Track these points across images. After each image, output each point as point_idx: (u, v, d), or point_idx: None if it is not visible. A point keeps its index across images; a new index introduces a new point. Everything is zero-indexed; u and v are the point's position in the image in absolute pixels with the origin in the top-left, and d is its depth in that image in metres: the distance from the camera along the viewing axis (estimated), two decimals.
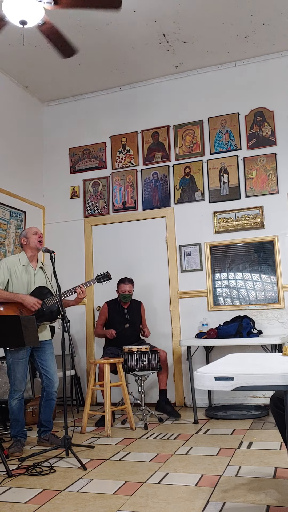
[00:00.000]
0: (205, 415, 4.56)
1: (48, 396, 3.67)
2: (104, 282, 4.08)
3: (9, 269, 3.65)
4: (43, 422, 3.68)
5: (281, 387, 1.60)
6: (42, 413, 3.68)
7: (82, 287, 3.75)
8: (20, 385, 3.55)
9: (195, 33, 4.81)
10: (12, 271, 3.66)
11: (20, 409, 3.57)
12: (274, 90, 5.21)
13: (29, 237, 3.74)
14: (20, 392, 3.56)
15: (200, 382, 1.69)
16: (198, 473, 2.85)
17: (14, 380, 3.55)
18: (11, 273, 3.65)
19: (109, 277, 4.08)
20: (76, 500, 2.49)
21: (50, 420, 3.70)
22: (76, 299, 3.80)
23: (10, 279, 3.64)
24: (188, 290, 5.25)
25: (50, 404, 3.69)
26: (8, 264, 3.67)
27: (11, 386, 3.57)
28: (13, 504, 2.48)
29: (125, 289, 4.84)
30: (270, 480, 2.65)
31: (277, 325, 4.85)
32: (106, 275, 4.08)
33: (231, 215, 5.18)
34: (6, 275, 3.63)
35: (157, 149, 5.60)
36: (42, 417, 3.68)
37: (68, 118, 6.05)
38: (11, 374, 3.56)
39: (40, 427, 3.70)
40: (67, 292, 3.72)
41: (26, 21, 3.32)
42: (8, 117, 5.46)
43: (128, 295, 4.84)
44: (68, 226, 5.83)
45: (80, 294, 3.74)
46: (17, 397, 3.55)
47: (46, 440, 3.64)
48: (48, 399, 3.67)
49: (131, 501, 2.45)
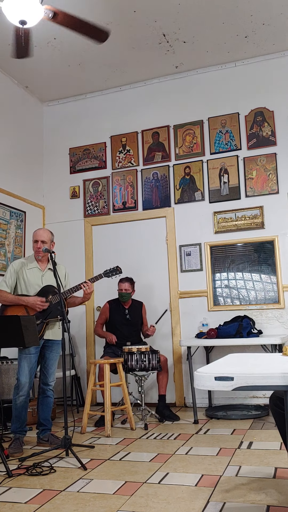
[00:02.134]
0: (205, 415, 4.56)
1: (44, 393, 3.71)
2: (114, 276, 3.97)
3: (16, 272, 3.71)
4: (41, 421, 3.70)
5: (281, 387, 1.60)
6: (41, 412, 3.71)
7: (88, 282, 3.75)
8: (24, 381, 3.55)
9: (195, 33, 4.81)
10: (20, 274, 3.71)
11: (24, 407, 3.58)
12: (274, 90, 5.21)
13: (32, 242, 3.78)
14: (25, 389, 3.56)
15: (200, 382, 1.69)
16: (198, 473, 2.85)
17: (20, 375, 3.57)
18: (19, 276, 3.71)
19: (119, 271, 3.97)
20: (76, 500, 2.49)
21: (48, 419, 3.71)
22: (84, 295, 3.78)
23: (18, 282, 3.70)
24: (188, 290, 5.25)
25: (47, 401, 3.71)
26: (16, 268, 3.72)
27: (17, 381, 3.59)
28: (13, 504, 2.47)
29: (122, 288, 4.84)
30: (270, 480, 2.65)
31: (277, 325, 4.85)
32: (116, 269, 3.97)
33: (231, 215, 5.18)
34: (13, 278, 3.69)
35: (157, 149, 5.60)
36: (41, 416, 3.70)
37: (68, 118, 6.05)
38: (19, 368, 3.59)
39: (39, 426, 3.71)
40: (72, 289, 3.70)
41: (26, 21, 3.32)
42: (8, 117, 5.46)
43: (125, 293, 4.84)
44: (68, 226, 5.83)
45: (86, 289, 3.72)
46: (22, 394, 3.55)
47: (46, 440, 3.65)
48: (45, 396, 3.71)
49: (131, 501, 2.45)
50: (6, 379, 4.36)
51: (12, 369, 4.36)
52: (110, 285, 5.17)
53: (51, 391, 3.74)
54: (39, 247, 3.70)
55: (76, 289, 3.70)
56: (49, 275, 3.76)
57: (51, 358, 3.72)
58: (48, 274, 3.76)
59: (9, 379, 4.36)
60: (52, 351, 3.73)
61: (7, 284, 3.66)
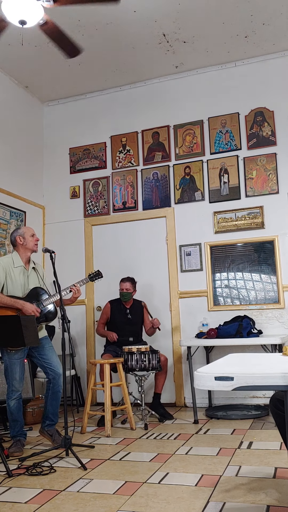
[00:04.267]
0: (205, 415, 4.56)
1: (55, 388, 3.59)
2: (96, 280, 4.09)
3: (4, 270, 3.56)
4: (49, 415, 3.61)
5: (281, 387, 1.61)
6: (49, 406, 3.61)
7: (77, 285, 3.75)
8: (18, 386, 3.54)
9: (195, 33, 4.81)
10: (8, 273, 3.57)
11: (18, 409, 3.55)
12: (274, 90, 5.21)
13: (26, 237, 3.65)
14: (18, 392, 3.54)
15: (200, 382, 1.69)
16: (198, 473, 2.85)
17: (12, 381, 3.52)
18: (6, 275, 3.57)
19: (100, 275, 4.09)
20: (76, 500, 2.49)
21: (56, 413, 3.64)
22: (72, 298, 3.79)
23: (5, 281, 3.56)
24: (188, 290, 5.25)
25: (57, 396, 3.61)
26: (4, 266, 3.57)
27: (8, 387, 3.54)
28: (13, 504, 2.48)
29: (122, 287, 4.85)
30: (270, 480, 2.65)
31: (277, 325, 4.85)
32: (98, 273, 4.09)
33: (231, 215, 5.18)
34: (2, 277, 3.55)
35: (157, 149, 5.60)
36: (49, 410, 3.61)
37: (68, 118, 6.05)
38: (9, 374, 3.53)
39: (46, 419, 3.62)
40: (63, 291, 3.69)
41: (26, 21, 3.32)
42: (8, 117, 5.46)
43: (126, 293, 4.84)
44: (68, 226, 5.83)
45: (76, 293, 3.73)
46: (15, 397, 3.52)
47: (50, 435, 3.59)
48: (55, 391, 3.59)
49: (131, 501, 2.45)
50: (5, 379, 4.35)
51: None
52: (110, 285, 5.18)
53: (61, 386, 3.59)
54: (37, 240, 3.72)
55: (65, 291, 3.70)
56: (33, 275, 3.72)
57: (46, 353, 3.63)
58: (33, 275, 3.72)
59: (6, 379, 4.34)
60: (44, 347, 3.64)
61: None
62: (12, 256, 3.67)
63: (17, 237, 3.66)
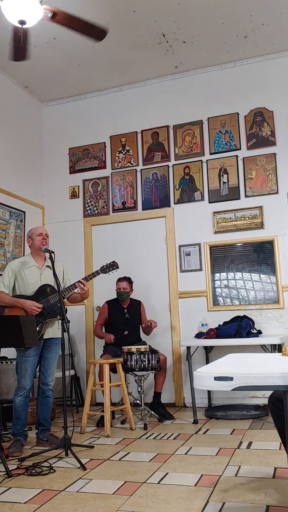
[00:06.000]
0: (205, 415, 4.56)
1: (44, 393, 3.71)
2: (111, 272, 3.90)
3: (14, 272, 3.70)
4: (41, 421, 3.70)
5: (281, 387, 1.60)
6: (40, 412, 3.71)
7: (82, 281, 3.72)
8: (25, 383, 3.57)
9: (195, 33, 4.81)
10: (18, 274, 3.70)
11: (23, 408, 3.58)
12: (274, 90, 5.21)
13: (34, 238, 3.78)
14: (25, 390, 3.58)
15: (200, 382, 1.69)
16: (198, 473, 2.85)
17: (21, 378, 3.58)
18: (16, 276, 3.71)
19: (116, 266, 3.89)
20: (75, 500, 2.49)
21: (48, 419, 3.71)
22: (81, 294, 3.76)
23: (16, 282, 3.70)
24: (187, 290, 5.25)
25: (47, 401, 3.71)
26: (13, 268, 3.72)
27: (18, 383, 3.60)
28: (13, 504, 2.47)
29: (120, 287, 4.86)
30: (270, 480, 2.65)
31: (277, 325, 4.85)
32: (112, 264, 3.90)
33: (230, 215, 5.18)
34: (11, 278, 3.68)
35: (156, 149, 5.60)
36: (40, 416, 3.70)
37: (68, 118, 6.05)
38: (19, 371, 3.59)
39: (39, 426, 3.71)
40: (70, 288, 3.70)
41: (25, 21, 3.32)
42: (7, 117, 5.46)
43: (123, 292, 4.84)
44: (67, 226, 5.83)
45: (81, 290, 3.69)
46: (21, 395, 3.56)
47: (45, 441, 3.65)
48: (44, 396, 3.71)
49: (130, 501, 2.45)
50: (6, 379, 4.36)
51: (11, 369, 4.35)
52: (109, 284, 5.17)
53: (50, 391, 3.74)
54: (44, 239, 3.76)
55: (73, 287, 3.71)
56: (48, 273, 3.76)
57: (50, 358, 3.72)
58: (47, 272, 3.77)
59: (8, 379, 4.36)
60: (51, 351, 3.73)
61: (5, 285, 3.66)
62: (25, 257, 3.85)
63: (27, 240, 3.87)
